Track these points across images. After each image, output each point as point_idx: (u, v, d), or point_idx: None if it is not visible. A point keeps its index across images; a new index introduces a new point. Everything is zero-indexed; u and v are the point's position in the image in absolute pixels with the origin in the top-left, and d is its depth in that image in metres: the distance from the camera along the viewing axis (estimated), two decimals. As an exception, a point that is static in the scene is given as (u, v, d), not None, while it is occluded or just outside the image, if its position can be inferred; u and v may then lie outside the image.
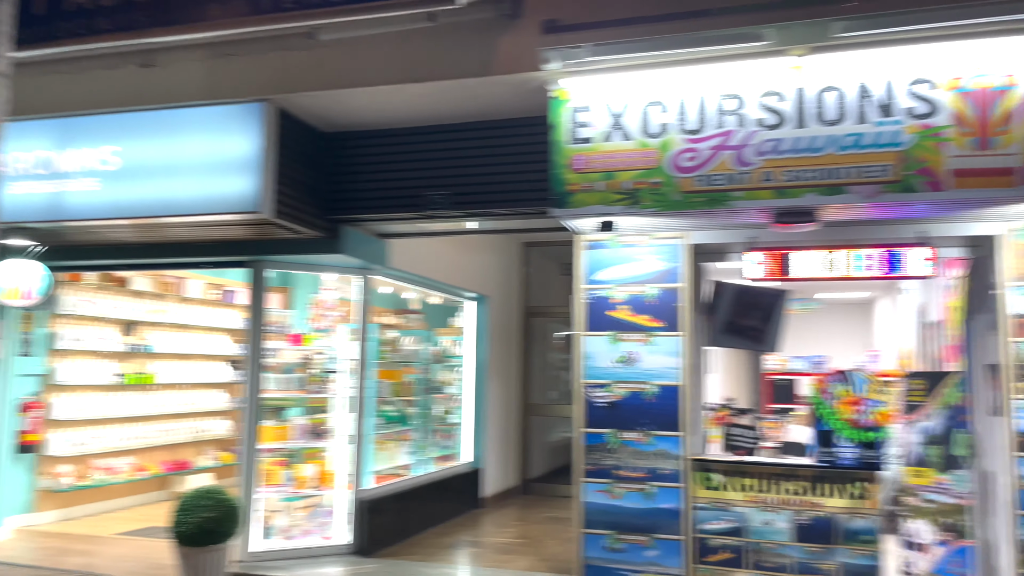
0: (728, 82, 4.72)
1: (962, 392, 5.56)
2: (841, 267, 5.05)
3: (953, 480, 5.72)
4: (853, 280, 5.16)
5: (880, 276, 4.99)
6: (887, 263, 4.96)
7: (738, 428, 5.74)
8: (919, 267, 4.90)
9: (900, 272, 4.93)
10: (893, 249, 4.95)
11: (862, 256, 5.00)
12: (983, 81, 4.30)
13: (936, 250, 4.96)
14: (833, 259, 5.05)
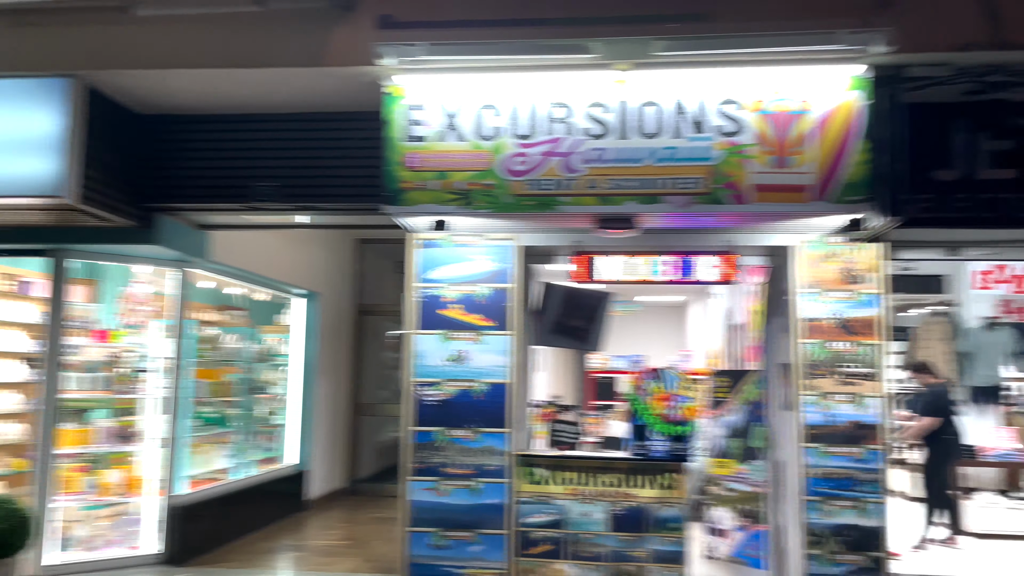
0: (558, 91, 4.89)
1: (760, 389, 6.08)
2: (640, 272, 5.36)
3: (751, 470, 6.24)
4: (668, 284, 5.50)
5: (683, 280, 5.33)
6: (680, 269, 5.32)
7: (562, 424, 5.95)
8: (709, 273, 5.28)
9: (691, 277, 5.30)
10: (685, 256, 5.31)
11: (659, 262, 5.33)
12: (782, 105, 4.74)
13: (740, 258, 5.39)
14: (632, 264, 5.36)
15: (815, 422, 5.12)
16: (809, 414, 5.13)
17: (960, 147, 4.87)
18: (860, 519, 5.01)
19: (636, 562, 5.17)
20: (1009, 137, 4.83)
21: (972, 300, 8.98)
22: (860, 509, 5.02)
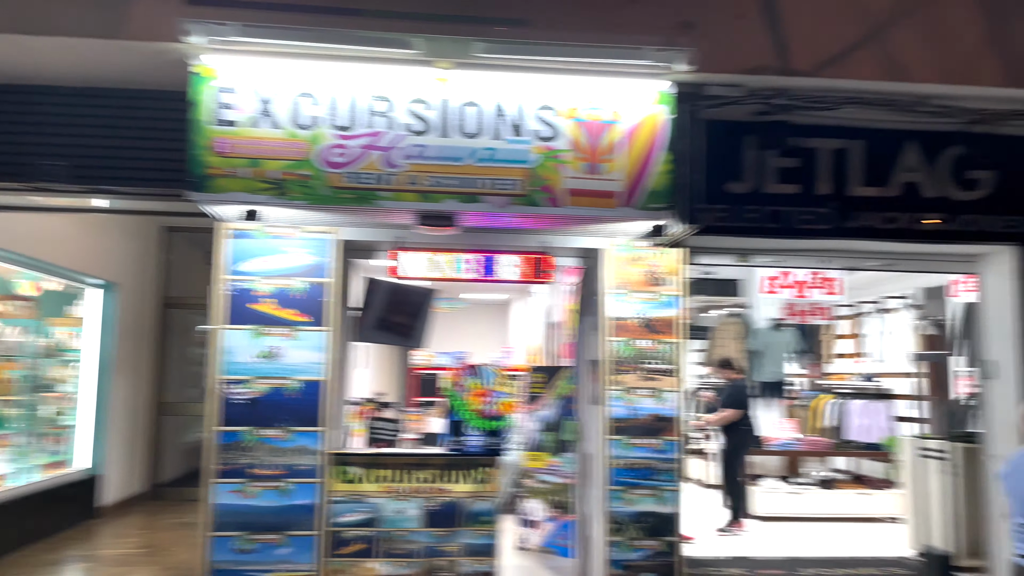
0: (380, 84, 4.83)
1: (572, 384, 6.34)
2: (443, 269, 5.43)
3: (563, 462, 6.48)
4: (489, 283, 5.59)
5: (491, 279, 5.40)
6: (483, 267, 5.44)
7: (380, 421, 5.89)
8: (510, 272, 5.40)
9: (493, 275, 5.41)
10: (488, 255, 5.43)
11: (462, 260, 5.43)
12: (595, 114, 4.96)
13: (555, 258, 5.58)
14: (435, 261, 5.42)
15: (620, 415, 5.39)
16: (615, 408, 5.40)
17: (751, 162, 5.32)
18: (657, 506, 5.34)
19: (448, 556, 5.21)
20: (793, 155, 5.34)
21: (761, 303, 9.85)
22: (658, 497, 5.34)
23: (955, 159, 5.41)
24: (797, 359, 11.18)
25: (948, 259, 5.93)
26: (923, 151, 5.43)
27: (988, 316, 5.82)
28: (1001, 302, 5.66)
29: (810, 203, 5.35)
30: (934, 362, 8.65)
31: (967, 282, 7.32)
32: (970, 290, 6.77)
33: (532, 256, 5.46)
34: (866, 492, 8.49)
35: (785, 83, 5.03)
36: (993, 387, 5.72)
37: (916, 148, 5.43)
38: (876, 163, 5.40)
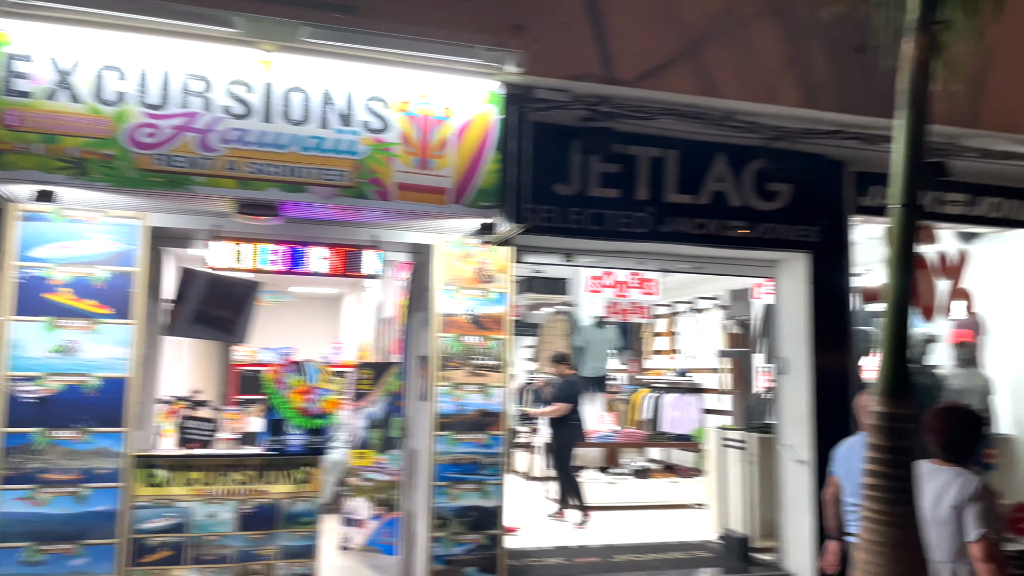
0: (196, 62, 4.55)
1: (400, 380, 6.28)
2: (248, 260, 5.22)
3: (389, 459, 6.41)
4: (315, 276, 5.42)
5: (296, 271, 5.23)
6: (290, 260, 5.25)
7: (194, 421, 5.56)
8: (319, 264, 5.27)
9: (303, 268, 5.26)
10: (296, 246, 5.27)
11: (268, 250, 5.25)
12: (426, 109, 4.94)
13: (385, 252, 5.50)
14: (240, 251, 5.22)
15: (447, 411, 5.42)
16: (442, 404, 5.41)
17: (576, 166, 5.50)
18: (481, 500, 5.41)
19: (264, 560, 5.01)
20: (615, 161, 5.58)
21: (586, 301, 10.25)
22: (482, 491, 5.42)
23: (757, 172, 5.87)
24: (618, 355, 11.74)
25: (750, 264, 6.43)
26: (730, 163, 5.85)
27: (783, 317, 6.38)
28: (795, 304, 6.21)
29: (630, 207, 5.62)
30: (738, 358, 9.35)
31: (767, 285, 7.98)
32: (769, 293, 7.38)
33: (344, 249, 5.32)
34: (676, 480, 9.05)
35: (608, 91, 5.25)
36: (786, 382, 6.27)
37: (724, 160, 5.84)
38: (689, 172, 5.76)
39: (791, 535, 6.08)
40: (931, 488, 3.26)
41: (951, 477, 3.26)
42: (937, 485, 3.27)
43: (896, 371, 2.99)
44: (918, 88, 2.96)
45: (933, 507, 3.23)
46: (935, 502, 3.24)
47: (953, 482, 3.23)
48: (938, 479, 3.28)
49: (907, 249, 3.00)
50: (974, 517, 3.11)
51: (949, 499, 3.20)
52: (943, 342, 6.94)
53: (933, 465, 3.35)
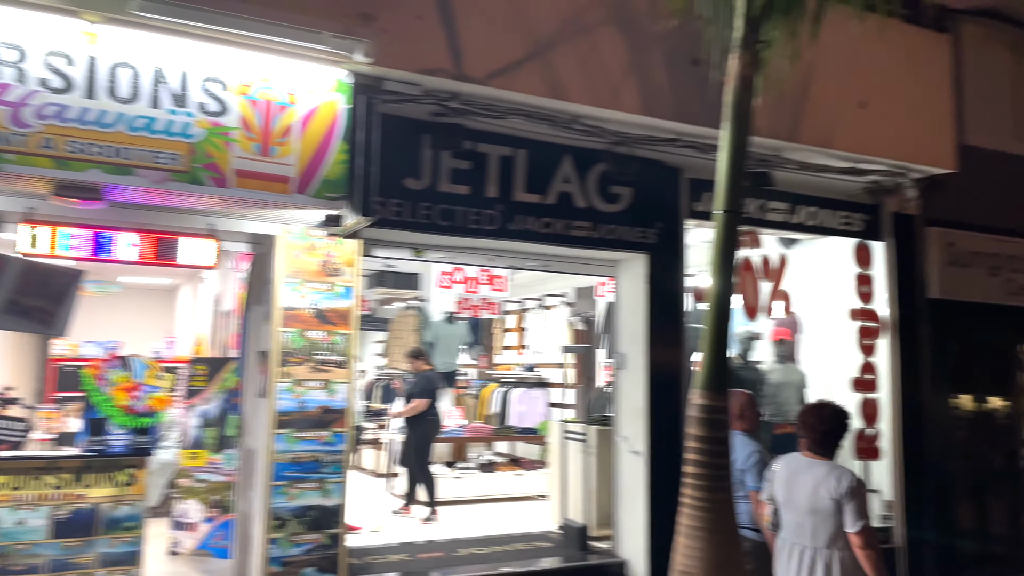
0: (10, 30, 4.14)
1: (238, 377, 6.02)
2: (44, 245, 4.83)
3: (224, 459, 6.14)
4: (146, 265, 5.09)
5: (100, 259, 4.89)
6: (94, 246, 4.91)
7: (3, 420, 5.09)
8: (127, 252, 4.95)
9: (108, 255, 4.93)
10: (101, 232, 4.93)
11: (69, 235, 4.88)
12: (269, 94, 4.75)
13: (220, 242, 5.25)
14: (36, 235, 4.84)
15: (287, 408, 5.24)
16: (282, 401, 5.23)
17: (427, 161, 5.48)
18: (322, 499, 5.27)
19: (82, 569, 4.66)
20: (465, 158, 5.60)
21: (437, 297, 10.25)
22: (323, 490, 5.28)
23: (601, 175, 6.08)
24: (469, 351, 11.84)
25: (593, 263, 6.65)
26: (576, 165, 6.02)
27: (622, 314, 6.65)
28: (633, 302, 6.49)
29: (480, 204, 5.67)
30: (581, 354, 9.68)
31: (609, 284, 8.30)
32: (611, 291, 7.68)
33: (159, 236, 5.01)
34: (521, 473, 9.24)
35: (459, 87, 5.26)
36: (623, 376, 6.54)
37: (571, 162, 6.01)
38: (537, 172, 5.88)
39: (626, 523, 6.35)
40: (807, 480, 3.55)
41: (827, 471, 3.56)
42: (814, 478, 3.55)
43: (716, 366, 3.19)
44: (741, 102, 3.17)
45: (811, 498, 3.52)
46: (813, 493, 3.53)
47: (830, 475, 3.53)
48: (814, 472, 3.57)
49: (729, 252, 3.21)
50: (854, 510, 3.43)
51: (828, 491, 3.49)
52: (764, 339, 7.49)
53: (807, 458, 3.66)
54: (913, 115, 6.88)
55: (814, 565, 3.47)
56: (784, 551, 3.66)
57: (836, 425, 3.72)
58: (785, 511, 3.69)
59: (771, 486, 3.81)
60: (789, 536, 3.65)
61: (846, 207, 7.19)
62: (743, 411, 4.66)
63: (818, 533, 3.49)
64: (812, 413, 3.75)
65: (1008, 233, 7.89)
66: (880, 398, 7.20)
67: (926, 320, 7.40)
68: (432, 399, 8.25)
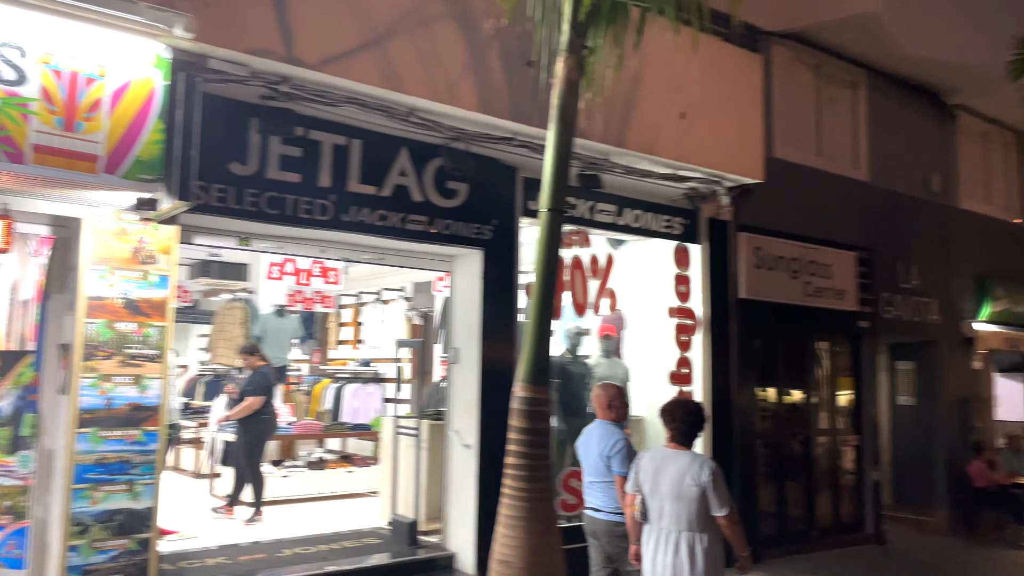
0: None
1: (35, 371, 5.50)
2: None
3: (18, 461, 5.58)
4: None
5: None
6: None
7: None
8: None
9: None
10: None
11: None
12: (75, 65, 4.36)
13: (14, 223, 4.77)
14: None
15: (92, 406, 4.85)
16: (86, 397, 4.84)
17: (255, 145, 5.25)
18: (131, 502, 4.93)
19: None
20: (297, 145, 5.42)
21: (267, 288, 9.86)
22: (132, 492, 4.94)
23: (438, 169, 6.09)
24: (301, 345, 11.48)
25: (429, 258, 6.65)
26: (413, 159, 6.00)
27: (457, 309, 6.70)
28: (468, 298, 6.55)
29: (311, 194, 5.51)
30: (417, 348, 9.65)
31: (447, 278, 8.33)
32: (448, 286, 7.70)
33: None
34: (352, 470, 9.09)
35: (290, 71, 5.08)
36: (457, 371, 6.59)
37: (407, 155, 5.97)
38: (373, 164, 5.79)
39: (455, 516, 6.41)
40: (673, 469, 3.88)
41: (690, 460, 3.90)
42: (678, 467, 3.88)
43: (538, 360, 3.28)
44: (566, 104, 3.28)
45: (677, 485, 3.84)
46: (679, 481, 3.84)
47: (693, 463, 3.87)
48: (678, 461, 3.89)
49: (552, 249, 3.30)
50: (717, 498, 3.80)
51: (692, 479, 3.83)
52: (592, 335, 7.80)
53: (670, 449, 3.98)
54: (727, 128, 7.41)
55: (679, 546, 3.78)
56: (651, 537, 3.94)
57: (700, 418, 4.09)
58: (651, 500, 3.95)
59: (637, 478, 4.07)
60: (655, 522, 3.93)
61: (668, 211, 7.62)
62: (612, 402, 4.92)
63: (681, 518, 3.81)
64: (679, 407, 4.08)
65: (808, 240, 8.68)
66: (694, 390, 7.70)
67: (735, 318, 7.99)
68: (267, 397, 7.90)
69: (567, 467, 7.10)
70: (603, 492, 4.71)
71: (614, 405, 4.93)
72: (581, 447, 4.94)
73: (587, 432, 4.96)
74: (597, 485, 4.76)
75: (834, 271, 8.86)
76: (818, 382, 9.19)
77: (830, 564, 8.11)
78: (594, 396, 5.03)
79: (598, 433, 4.83)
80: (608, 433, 4.80)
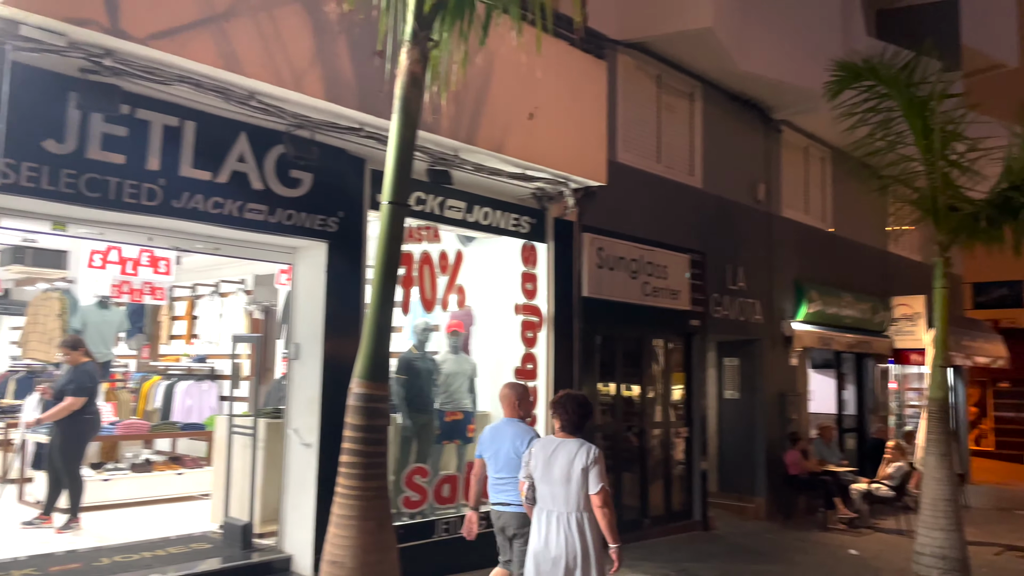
0: None
1: None
2: None
3: None
4: None
5: None
6: None
7: None
8: None
9: None
10: None
11: None
12: None
13: None
14: None
15: None
16: None
17: (73, 122, 4.83)
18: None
19: None
20: (121, 123, 5.04)
21: (89, 278, 9.13)
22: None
23: (281, 157, 5.86)
24: (128, 340, 10.73)
25: (270, 249, 6.39)
26: (253, 144, 5.73)
27: (299, 303, 6.47)
28: (311, 291, 6.35)
29: (138, 177, 5.14)
30: (257, 344, 9.26)
31: (289, 271, 8.04)
32: (290, 279, 7.42)
33: None
34: (182, 472, 8.59)
35: (115, 44, 4.71)
36: (298, 367, 6.37)
37: (247, 141, 5.70)
38: (208, 148, 5.49)
39: (292, 517, 6.20)
40: (563, 455, 4.22)
41: (578, 446, 4.24)
42: (567, 453, 4.22)
43: (376, 355, 3.22)
44: (409, 96, 3.24)
45: (566, 470, 4.18)
46: (568, 466, 4.18)
47: (581, 449, 4.21)
48: (568, 448, 4.24)
49: (393, 243, 3.25)
50: (595, 475, 4.13)
51: (580, 463, 4.17)
52: (440, 331, 7.79)
53: (560, 438, 4.33)
54: (573, 131, 7.62)
55: (569, 525, 4.15)
56: (542, 517, 4.28)
57: (588, 410, 4.44)
58: (542, 484, 4.29)
59: (528, 465, 4.39)
60: (545, 505, 4.27)
61: (516, 210, 7.74)
62: (519, 401, 5.17)
63: (570, 499, 4.17)
64: (571, 400, 4.41)
65: (646, 242, 9.10)
66: (538, 386, 7.87)
67: (579, 316, 8.24)
68: (90, 395, 7.26)
69: (412, 464, 7.05)
70: (513, 487, 4.85)
71: (522, 404, 5.16)
72: (488, 444, 5.07)
73: (495, 429, 5.11)
74: (508, 481, 4.92)
75: (670, 272, 9.33)
76: (653, 377, 9.66)
77: (661, 550, 8.54)
78: (502, 395, 5.19)
79: (511, 431, 5.01)
80: (522, 431, 5.01)
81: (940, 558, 6.55)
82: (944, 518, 6.62)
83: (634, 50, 9.28)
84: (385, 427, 3.10)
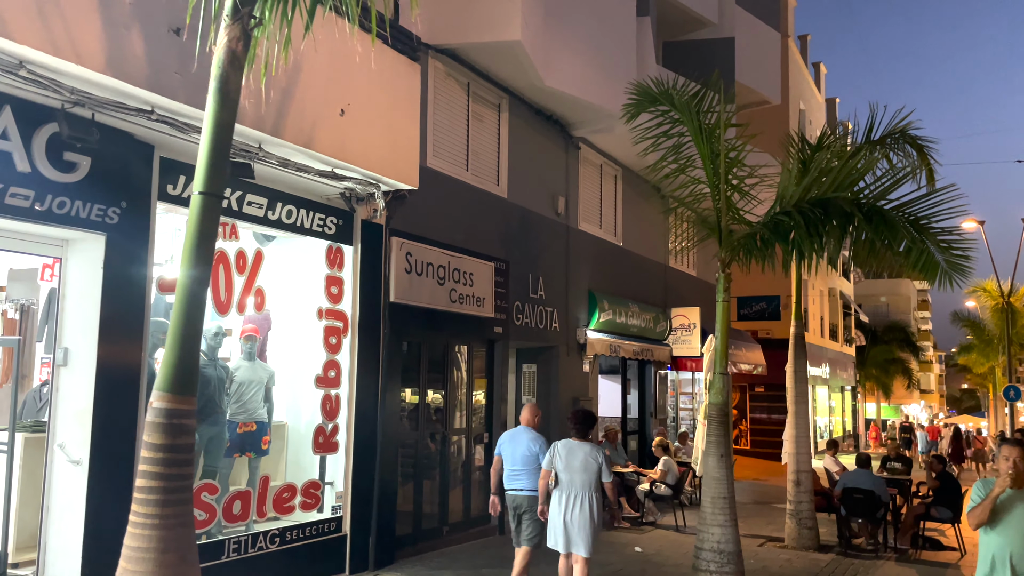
0: None
1: None
2: None
3: None
4: None
5: None
6: None
7: None
8: None
9: None
10: None
11: None
12: None
13: None
14: None
15: None
16: None
17: None
18: None
19: None
20: None
21: None
22: None
23: (53, 136, 5.15)
24: None
25: (36, 241, 5.60)
26: (19, 119, 4.99)
27: (69, 302, 5.72)
28: (85, 289, 5.64)
29: None
30: (10, 348, 8.09)
31: (58, 266, 7.11)
32: (56, 275, 6.56)
33: None
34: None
35: None
36: (66, 375, 5.63)
37: (11, 115, 4.96)
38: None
39: (56, 544, 5.45)
40: (580, 453, 6.16)
41: (591, 448, 6.20)
42: (583, 452, 6.16)
43: (182, 365, 2.86)
44: (228, 77, 2.93)
45: (584, 463, 6.12)
46: (585, 461, 6.12)
47: (593, 450, 6.18)
48: (583, 449, 6.18)
49: (206, 239, 2.92)
50: (607, 469, 6.20)
51: (594, 460, 6.14)
52: (233, 336, 7.24)
53: (576, 441, 6.24)
54: (386, 131, 7.43)
55: (582, 501, 6.09)
56: (563, 497, 6.14)
57: (592, 420, 6.37)
58: (564, 473, 6.16)
59: (553, 460, 6.22)
60: (565, 488, 6.16)
61: (323, 210, 7.40)
62: (535, 417, 6.82)
63: (585, 483, 6.12)
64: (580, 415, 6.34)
65: (454, 249, 9.09)
66: (341, 393, 7.56)
67: (386, 322, 8.04)
68: None
69: (199, 480, 6.48)
70: (528, 477, 6.54)
71: (537, 419, 6.83)
72: (507, 445, 6.69)
73: (513, 434, 6.77)
74: (525, 472, 6.56)
75: (475, 279, 9.38)
76: (456, 384, 9.66)
77: (460, 557, 8.53)
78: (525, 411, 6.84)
79: (528, 436, 6.67)
80: (535, 436, 6.68)
81: (718, 552, 7.09)
82: (722, 514, 7.18)
83: (445, 56, 9.26)
84: (191, 446, 2.74)
